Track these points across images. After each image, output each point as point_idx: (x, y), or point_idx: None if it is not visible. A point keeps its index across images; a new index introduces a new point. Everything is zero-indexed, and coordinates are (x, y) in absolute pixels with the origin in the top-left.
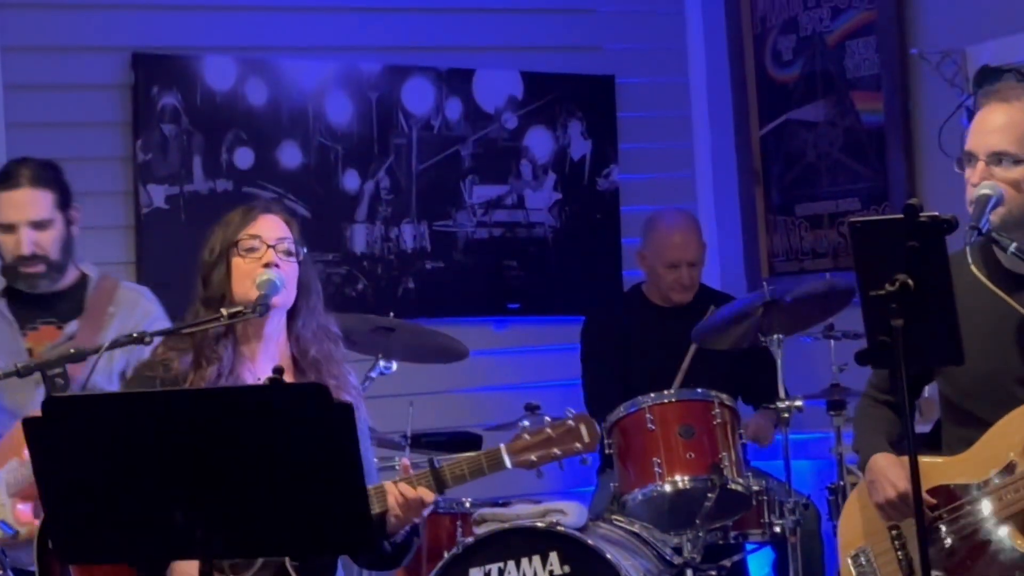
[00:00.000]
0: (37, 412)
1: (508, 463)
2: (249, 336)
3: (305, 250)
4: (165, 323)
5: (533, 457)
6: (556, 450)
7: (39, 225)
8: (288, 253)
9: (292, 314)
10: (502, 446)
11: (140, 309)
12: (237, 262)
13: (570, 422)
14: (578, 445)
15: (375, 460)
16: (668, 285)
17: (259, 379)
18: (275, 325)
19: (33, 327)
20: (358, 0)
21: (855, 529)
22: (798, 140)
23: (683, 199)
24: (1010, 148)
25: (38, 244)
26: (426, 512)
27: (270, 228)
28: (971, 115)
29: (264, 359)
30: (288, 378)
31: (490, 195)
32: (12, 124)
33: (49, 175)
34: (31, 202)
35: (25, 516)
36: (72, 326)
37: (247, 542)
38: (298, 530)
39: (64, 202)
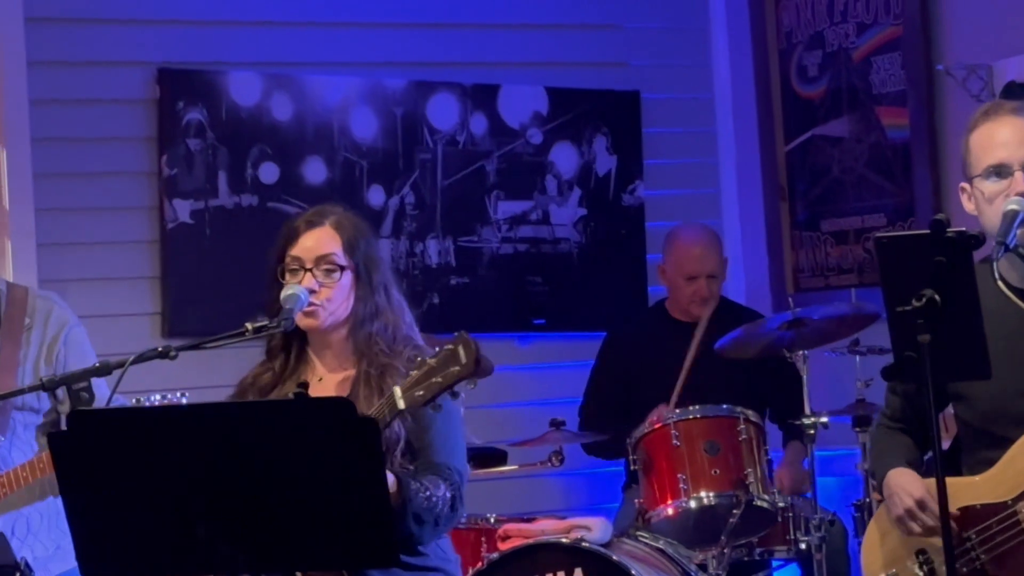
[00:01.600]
0: None
1: (401, 404)
2: (316, 347)
3: (352, 258)
4: (80, 329)
5: (420, 392)
6: (438, 379)
7: None
8: (330, 271)
9: (353, 321)
10: (396, 388)
11: (54, 319)
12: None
13: (448, 346)
14: (455, 368)
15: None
16: (688, 298)
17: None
18: (336, 335)
19: None
20: (383, 16)
21: (878, 558)
22: (824, 156)
23: (708, 215)
24: None
25: None
26: None
27: (311, 247)
28: None
29: (333, 369)
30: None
31: (515, 211)
32: (38, 139)
33: None
34: None
35: None
36: None
37: (271, 557)
38: (322, 545)
39: None
